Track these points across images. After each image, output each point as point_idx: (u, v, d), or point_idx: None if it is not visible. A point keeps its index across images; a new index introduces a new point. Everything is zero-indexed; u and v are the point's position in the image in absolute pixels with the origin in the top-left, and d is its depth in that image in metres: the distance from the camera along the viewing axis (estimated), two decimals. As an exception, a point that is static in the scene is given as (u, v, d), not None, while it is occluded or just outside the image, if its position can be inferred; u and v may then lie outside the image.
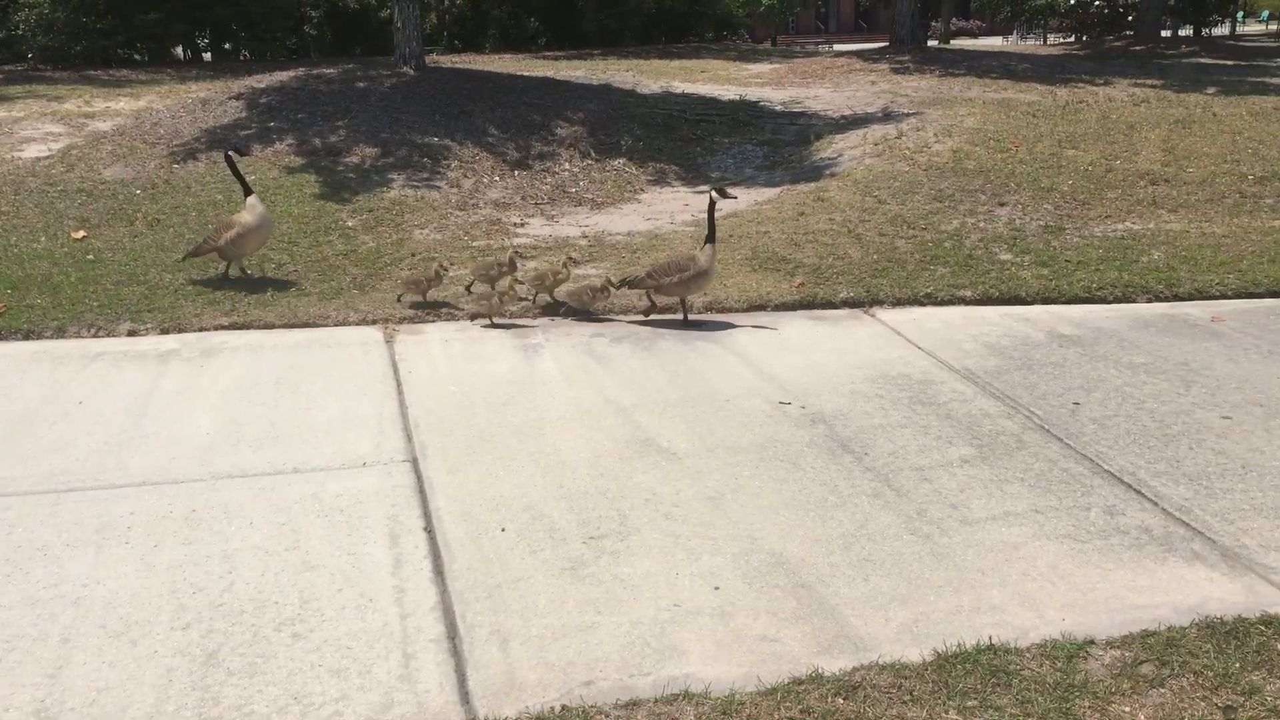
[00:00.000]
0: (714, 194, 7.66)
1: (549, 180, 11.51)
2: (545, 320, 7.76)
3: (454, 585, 4.31)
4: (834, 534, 4.71)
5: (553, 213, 10.70)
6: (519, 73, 17.28)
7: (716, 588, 4.29)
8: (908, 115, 13.99)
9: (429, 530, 4.76)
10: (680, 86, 16.96)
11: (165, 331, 7.42)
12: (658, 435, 5.77)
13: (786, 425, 5.90)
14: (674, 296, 7.70)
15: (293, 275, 8.55)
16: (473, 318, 7.70)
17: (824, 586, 4.30)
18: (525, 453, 5.55)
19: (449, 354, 7.03)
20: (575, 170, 11.90)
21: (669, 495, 5.08)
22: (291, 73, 14.88)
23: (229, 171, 8.74)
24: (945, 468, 5.37)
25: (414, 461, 5.45)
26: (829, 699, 3.55)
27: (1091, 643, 3.85)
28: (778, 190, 11.26)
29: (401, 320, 7.64)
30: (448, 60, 20.49)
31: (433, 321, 7.68)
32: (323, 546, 4.60)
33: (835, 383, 6.54)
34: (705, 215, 7.63)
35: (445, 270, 7.94)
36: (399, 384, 6.51)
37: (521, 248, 9.32)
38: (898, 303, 8.11)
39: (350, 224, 9.82)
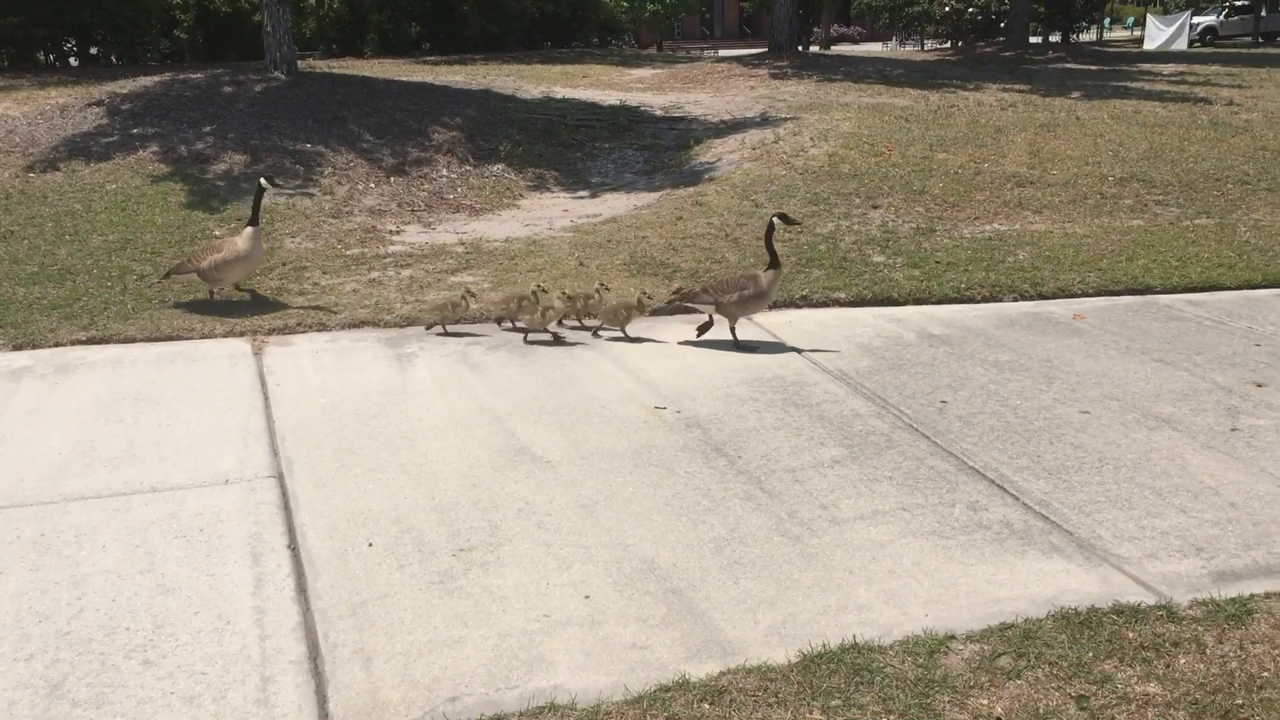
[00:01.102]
0: (776, 220, 7.32)
1: (426, 187, 11.35)
2: (432, 331, 7.63)
3: (317, 604, 4.20)
4: (706, 538, 4.72)
5: (430, 220, 10.55)
6: (397, 78, 17.04)
7: (587, 596, 4.25)
8: (785, 120, 14.17)
9: (293, 548, 4.63)
10: (561, 91, 16.92)
11: (18, 348, 7.10)
12: (532, 443, 5.71)
13: (662, 430, 5.90)
14: (729, 316, 7.32)
15: (156, 287, 8.26)
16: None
17: (694, 591, 4.30)
18: (396, 464, 5.44)
19: (320, 365, 6.87)
20: (453, 176, 11.77)
21: (542, 504, 5.03)
22: (157, 78, 14.41)
23: (91, 180, 8.37)
24: (817, 468, 5.43)
25: (280, 477, 5.30)
26: (695, 705, 3.54)
27: (952, 638, 3.92)
28: (657, 195, 11.30)
29: (271, 331, 7.45)
30: (324, 65, 20.09)
31: (303, 332, 7.50)
32: (180, 568, 4.44)
33: (711, 386, 6.57)
34: (589, 220, 7.68)
35: (472, 296, 7.62)
36: (266, 397, 6.34)
37: (397, 255, 9.17)
38: (774, 306, 8.18)
39: (218, 233, 9.54)
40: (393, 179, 11.38)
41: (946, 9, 44.25)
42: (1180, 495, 5.06)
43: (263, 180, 8.10)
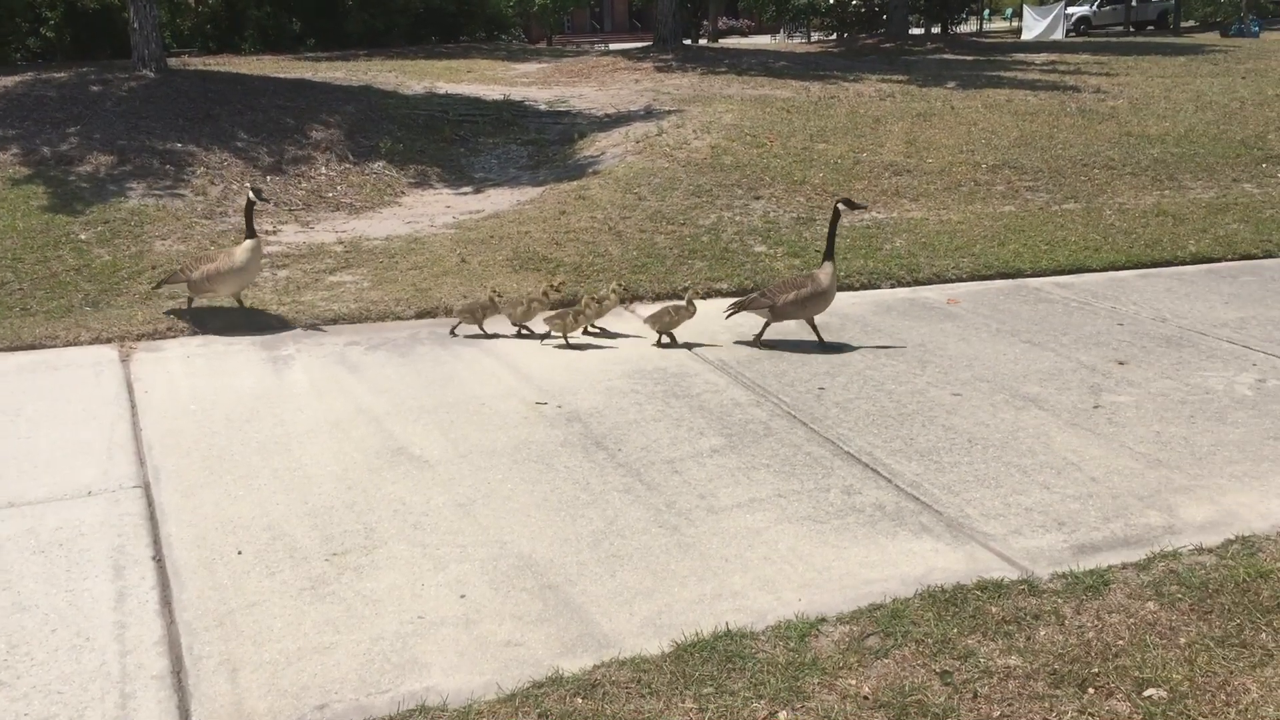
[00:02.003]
0: (840, 205, 7.04)
1: (304, 185, 11.12)
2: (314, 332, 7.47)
3: (182, 616, 4.08)
4: (584, 532, 4.71)
5: (308, 219, 10.34)
6: (274, 74, 16.66)
7: (463, 596, 4.21)
8: (669, 113, 14.24)
9: (158, 559, 4.49)
10: (445, 87, 16.74)
11: None
12: (410, 443, 5.64)
13: (542, 426, 5.87)
14: (791, 319, 7.17)
15: (17, 294, 7.95)
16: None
17: (571, 586, 4.28)
18: (269, 470, 5.32)
19: (190, 370, 6.69)
20: (332, 174, 11.55)
21: (419, 504, 4.97)
22: (17, 78, 13.84)
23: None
24: (696, 459, 5.46)
25: (146, 487, 5.14)
26: (568, 700, 3.53)
27: (823, 620, 3.97)
28: (541, 190, 11.25)
29: (140, 337, 7.23)
30: (200, 63, 19.56)
31: (175, 337, 7.29)
32: (37, 586, 4.27)
33: (593, 380, 6.57)
34: (471, 217, 7.56)
35: (499, 297, 7.44)
36: (134, 405, 6.15)
37: (273, 256, 8.96)
38: (657, 297, 8.22)
39: (83, 237, 9.22)
40: (269, 178, 11.12)
41: (831, 1, 44.95)
42: (1045, 472, 5.21)
43: (250, 192, 7.66)
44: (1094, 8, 61.54)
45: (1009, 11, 70.56)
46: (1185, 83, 19.09)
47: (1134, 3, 59.53)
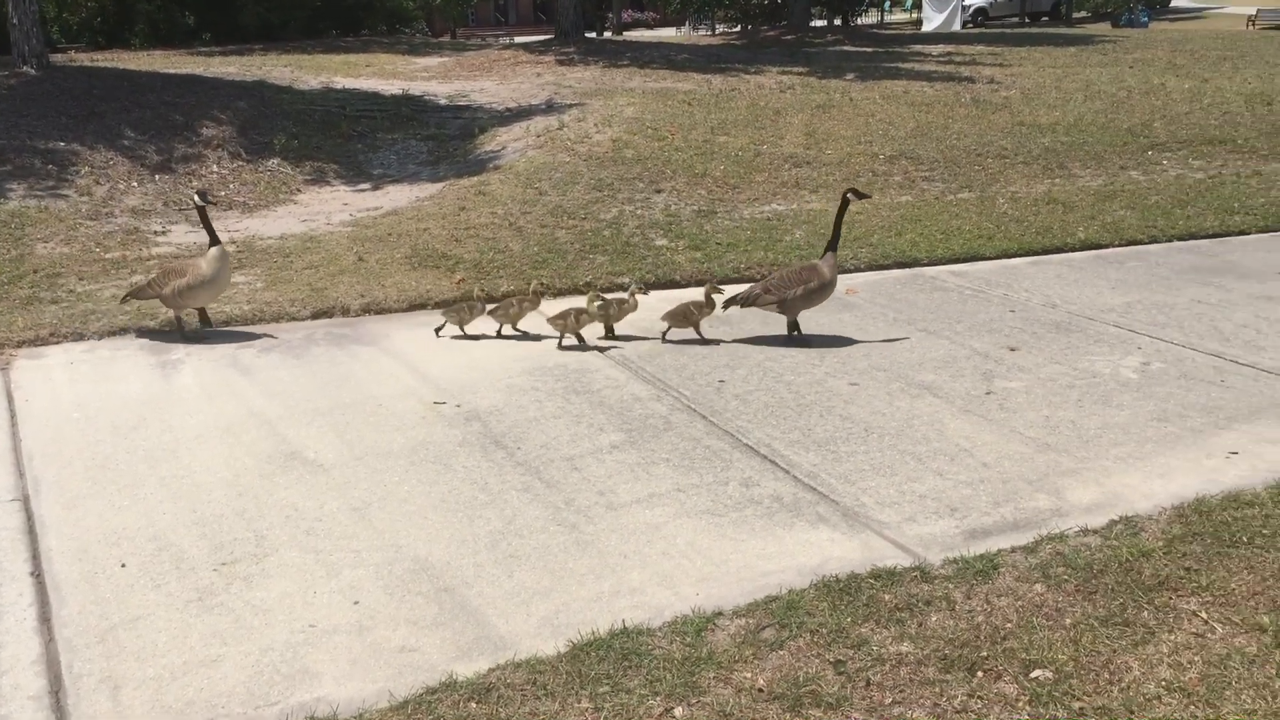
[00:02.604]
0: (849, 195, 7.08)
1: (195, 184, 10.82)
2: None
3: (62, 633, 3.94)
4: (481, 533, 4.66)
5: (199, 218, 10.07)
6: (163, 70, 16.21)
7: (356, 602, 4.14)
8: (570, 106, 14.18)
9: (37, 574, 4.33)
10: (342, 82, 16.45)
11: None
12: (304, 447, 5.53)
13: (440, 426, 5.80)
14: (798, 312, 7.08)
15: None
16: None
17: (468, 588, 4.23)
18: (155, 478, 5.17)
19: (74, 377, 6.47)
20: (224, 172, 11.28)
21: (312, 510, 4.87)
22: (-110, 75, 13.29)
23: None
24: (595, 455, 5.44)
25: (25, 499, 4.96)
26: (461, 705, 3.49)
27: (720, 614, 3.98)
28: (440, 185, 11.12)
29: (21, 344, 6.97)
30: (86, 58, 18.94)
31: (58, 344, 7.05)
32: (-95, 607, 4.09)
33: (493, 378, 6.51)
34: (369, 214, 7.44)
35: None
36: (13, 414, 5.93)
37: (163, 257, 8.71)
38: (558, 293, 8.16)
39: (-39, 241, 8.87)
40: (158, 177, 10.81)
41: (735, -8, 45.14)
42: (938, 459, 5.29)
43: (195, 195, 7.41)
44: (990, -1, 62.81)
45: (909, 3, 71.72)
46: (1075, 72, 19.59)
47: (1028, -6, 60.80)
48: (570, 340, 7.16)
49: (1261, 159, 12.66)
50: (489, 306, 7.29)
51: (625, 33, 49.47)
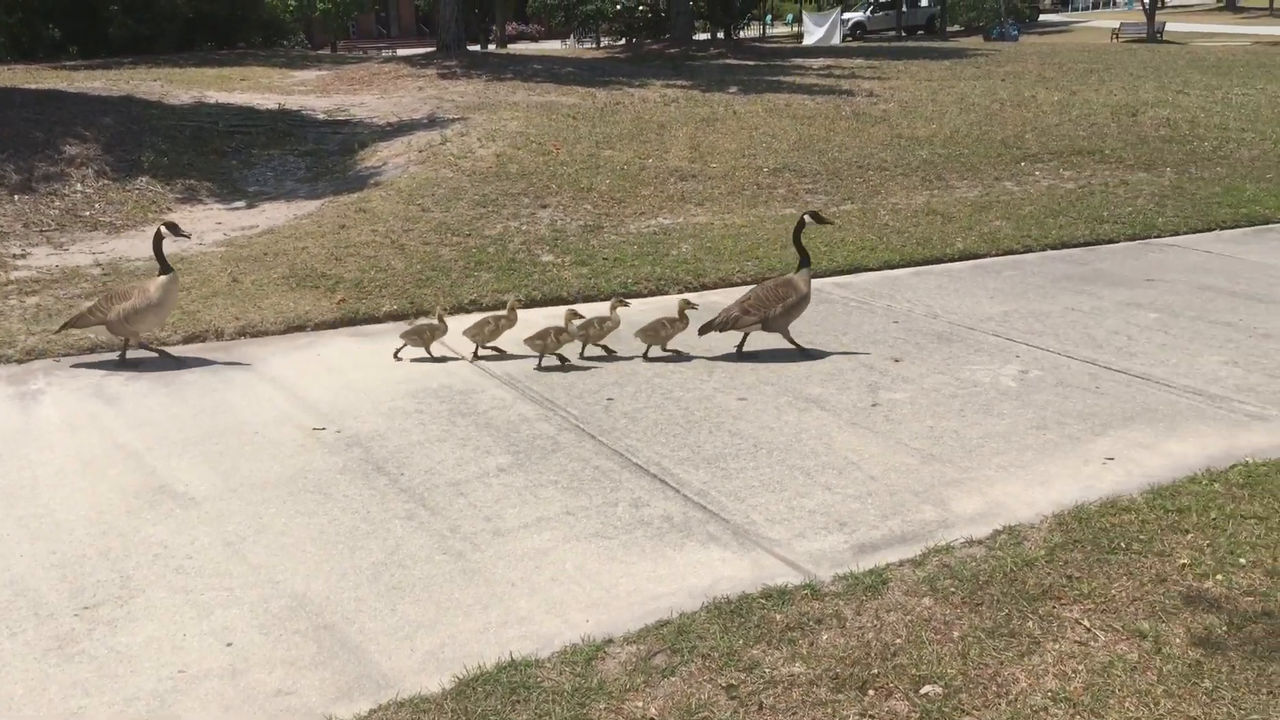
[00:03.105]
0: (807, 218, 7.16)
1: (57, 204, 10.37)
2: (71, 363, 6.92)
3: (-95, 692, 3.67)
4: (363, 565, 4.50)
5: (62, 240, 9.64)
6: (22, 85, 15.53)
7: (230, 644, 3.94)
8: (453, 121, 13.99)
9: (-122, 629, 4.03)
10: (215, 96, 15.98)
11: None
12: (174, 480, 5.28)
13: (320, 452, 5.61)
14: (780, 329, 7.07)
15: None
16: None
17: (349, 624, 4.07)
18: (13, 518, 4.88)
19: (-77, 412, 6.09)
20: (89, 191, 10.82)
21: (183, 546, 4.64)
22: None
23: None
24: (482, 479, 5.31)
25: None
26: (341, 751, 3.34)
27: (610, 641, 3.90)
28: (319, 203, 10.85)
29: None
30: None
31: (-94, 375, 6.64)
32: None
33: (375, 401, 6.33)
34: (245, 233, 7.17)
35: (446, 313, 7.15)
36: None
37: (22, 282, 8.30)
38: (443, 313, 7.99)
39: None
40: (17, 197, 10.32)
41: (618, 7, 45.35)
42: (827, 473, 5.30)
43: (162, 226, 7.09)
44: (868, 13, 64.37)
45: (790, 17, 73.06)
46: (950, 85, 20.09)
47: (905, 9, 62.49)
48: (550, 360, 6.99)
49: (1128, 169, 13.11)
50: (465, 326, 7.11)
51: (509, 45, 49.30)
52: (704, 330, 7.03)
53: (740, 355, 7.15)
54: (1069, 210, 11.08)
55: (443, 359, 7.12)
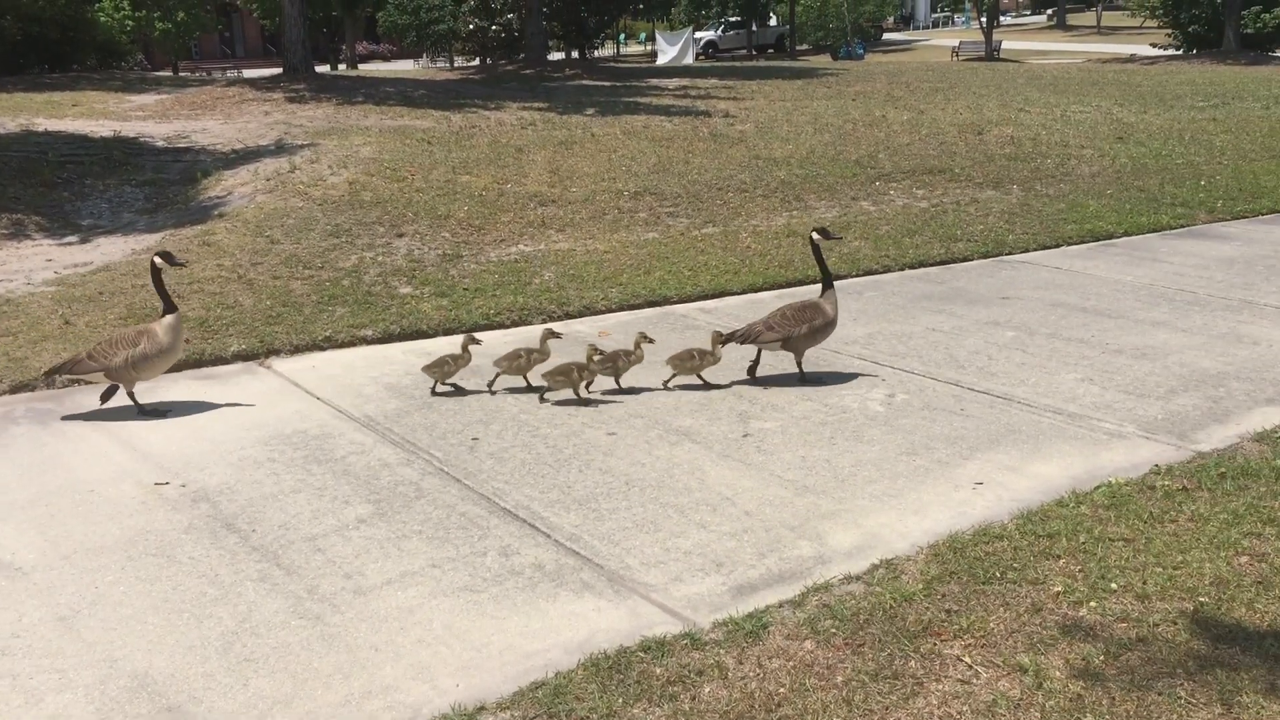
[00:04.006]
0: (815, 235, 7.09)
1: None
2: None
3: None
4: (212, 635, 4.17)
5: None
6: None
7: (62, 736, 3.59)
8: (302, 147, 13.53)
9: None
10: (45, 124, 15.12)
11: None
12: (-1, 549, 4.84)
13: (163, 511, 5.23)
14: (800, 351, 6.93)
15: None
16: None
17: (196, 704, 3.75)
18: None
19: None
20: (-97, 228, 10.05)
21: (7, 624, 4.24)
22: None
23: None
24: (341, 532, 5.02)
25: None
26: None
27: (483, 708, 3.68)
28: (160, 236, 10.29)
29: None
30: None
31: None
32: None
33: (223, 451, 5.96)
34: (77, 271, 6.69)
35: (475, 342, 6.90)
36: None
37: None
38: (295, 350, 7.65)
39: None
40: None
41: (471, 27, 44.94)
42: (701, 510, 5.17)
43: (156, 258, 6.71)
44: (720, 32, 65.41)
45: (643, 36, 73.73)
46: (804, 105, 20.43)
47: (755, 28, 63.69)
48: (561, 395, 6.76)
49: (977, 187, 13.47)
50: (495, 359, 6.88)
51: (360, 66, 48.35)
52: (725, 341, 6.89)
53: (803, 379, 7.00)
54: (924, 229, 11.28)
55: (468, 391, 6.86)
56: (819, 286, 9.37)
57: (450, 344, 7.53)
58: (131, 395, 6.65)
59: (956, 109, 20.44)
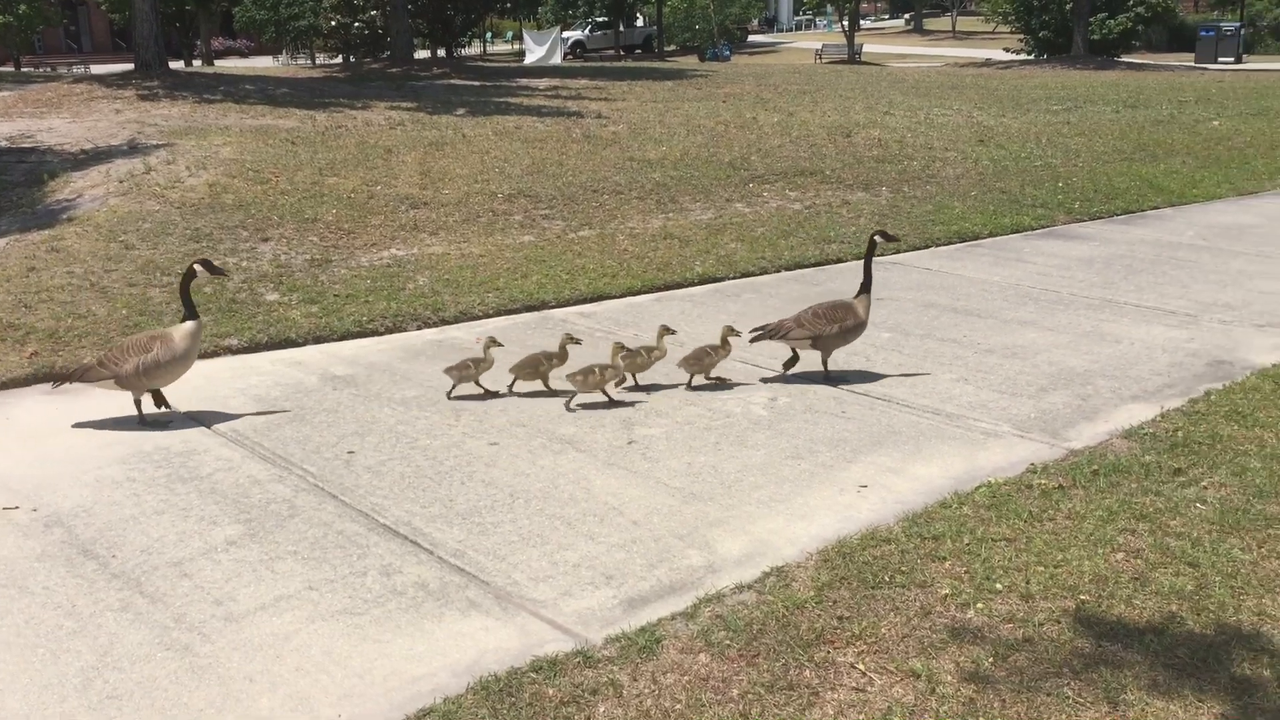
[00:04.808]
0: (877, 237, 6.99)
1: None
2: None
3: None
4: (70, 672, 3.89)
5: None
6: None
7: (-99, 793, 3.29)
8: (158, 147, 12.95)
9: None
10: (-127, 122, 14.17)
11: None
12: None
13: (12, 537, 4.89)
14: (828, 351, 6.92)
15: None
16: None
17: (54, 750, 3.49)
18: None
19: None
20: None
21: None
22: None
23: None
24: (209, 555, 4.76)
25: None
26: None
27: (368, 741, 3.51)
28: (2, 243, 9.70)
29: None
30: None
31: None
32: None
33: (78, 471, 5.61)
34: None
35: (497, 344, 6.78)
36: None
37: None
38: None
39: None
40: None
41: (333, 23, 43.94)
42: (588, 521, 5.07)
43: (197, 265, 6.49)
44: (587, 32, 65.39)
45: (510, 35, 73.24)
46: (676, 107, 20.50)
47: (622, 28, 63.88)
48: (591, 397, 6.68)
49: (848, 189, 13.68)
50: (513, 364, 6.79)
51: (216, 62, 46.76)
52: (756, 339, 6.96)
53: (829, 379, 7.00)
54: (798, 231, 11.39)
55: (492, 394, 6.81)
56: (696, 289, 9.45)
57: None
58: (137, 404, 6.35)
59: (824, 111, 20.78)
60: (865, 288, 6.99)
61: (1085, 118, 21.33)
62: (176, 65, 28.42)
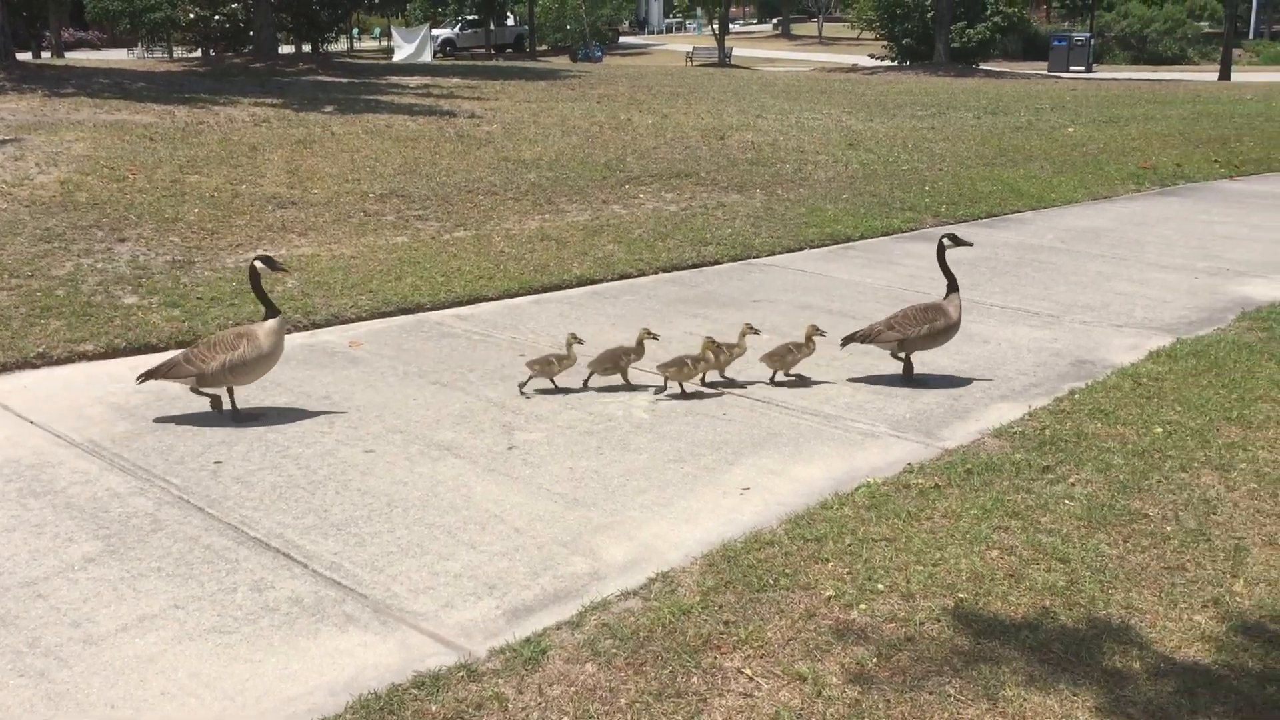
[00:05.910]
0: (945, 240, 7.03)
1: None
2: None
3: None
4: (-88, 706, 3.63)
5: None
6: None
7: None
8: (5, 143, 12.31)
9: None
10: None
11: None
12: None
13: None
14: (913, 352, 6.90)
15: None
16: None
17: (-106, 792, 3.24)
18: None
19: None
20: None
21: None
22: None
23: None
24: (65, 574, 4.50)
25: None
26: None
27: (242, 767, 3.35)
28: None
29: None
30: None
31: None
32: None
33: (-81, 487, 5.25)
34: None
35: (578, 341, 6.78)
36: None
37: None
38: (3, 369, 6.89)
39: None
40: None
41: (192, 16, 42.57)
42: (469, 529, 4.96)
43: (258, 262, 6.46)
44: (458, 30, 64.72)
45: (377, 31, 72.00)
46: (550, 107, 20.41)
47: (493, 27, 63.40)
48: (682, 388, 6.81)
49: (723, 190, 13.79)
50: (589, 361, 6.83)
51: (66, 55, 44.79)
52: (846, 341, 7.01)
53: (911, 379, 7.04)
54: (675, 233, 11.42)
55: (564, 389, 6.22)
56: (574, 291, 9.38)
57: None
58: (219, 400, 6.34)
59: (698, 114, 20.94)
60: (953, 288, 6.97)
61: (948, 123, 21.97)
62: (24, 57, 27.10)
